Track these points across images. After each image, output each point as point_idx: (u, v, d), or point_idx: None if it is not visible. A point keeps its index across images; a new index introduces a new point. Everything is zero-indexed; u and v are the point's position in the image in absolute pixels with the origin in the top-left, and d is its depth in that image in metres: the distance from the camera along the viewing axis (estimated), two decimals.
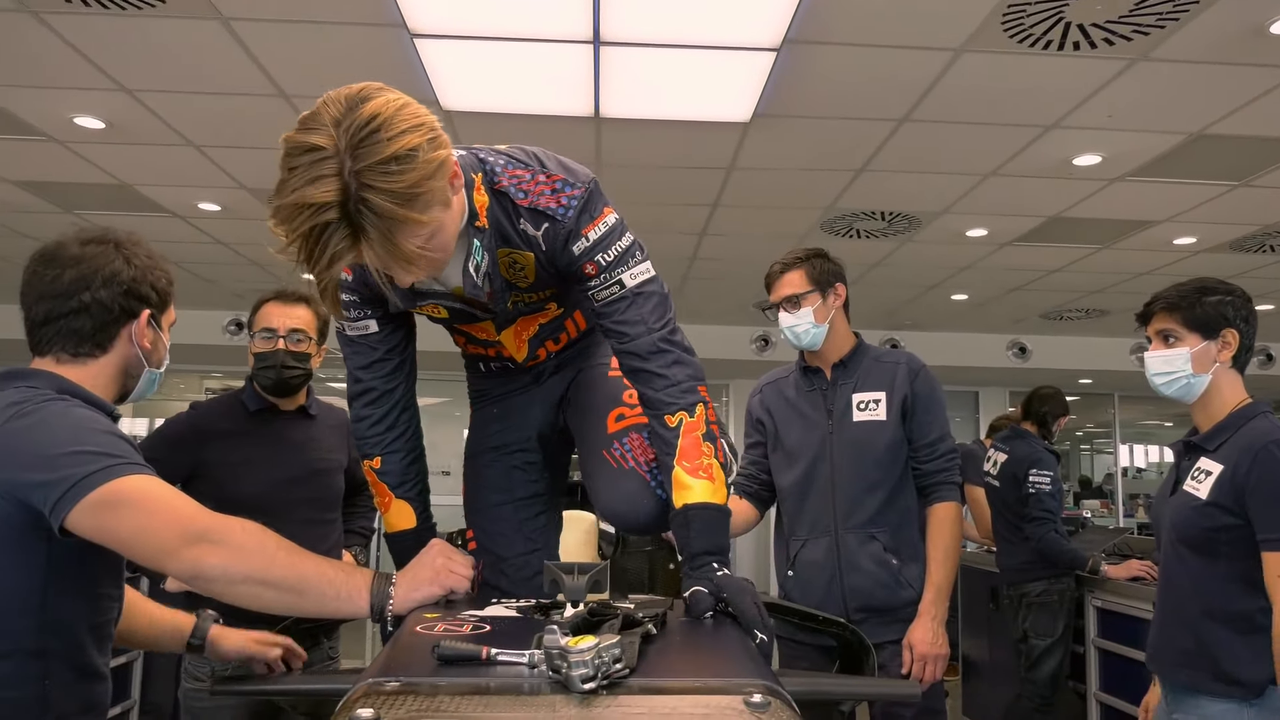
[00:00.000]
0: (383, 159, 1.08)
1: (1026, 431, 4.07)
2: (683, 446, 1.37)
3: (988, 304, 7.58)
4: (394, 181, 1.09)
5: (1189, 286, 1.95)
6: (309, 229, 1.09)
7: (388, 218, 1.10)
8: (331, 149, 1.08)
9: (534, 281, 1.44)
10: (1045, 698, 3.78)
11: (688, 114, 3.89)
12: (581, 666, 0.81)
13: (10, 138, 4.31)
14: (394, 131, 1.09)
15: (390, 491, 1.53)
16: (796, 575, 2.37)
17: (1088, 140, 4.12)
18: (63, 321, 1.39)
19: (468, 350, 1.68)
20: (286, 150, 1.12)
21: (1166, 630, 1.95)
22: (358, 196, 1.08)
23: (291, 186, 1.09)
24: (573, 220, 1.36)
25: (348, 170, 1.07)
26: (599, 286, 1.39)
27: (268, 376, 2.36)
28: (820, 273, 2.40)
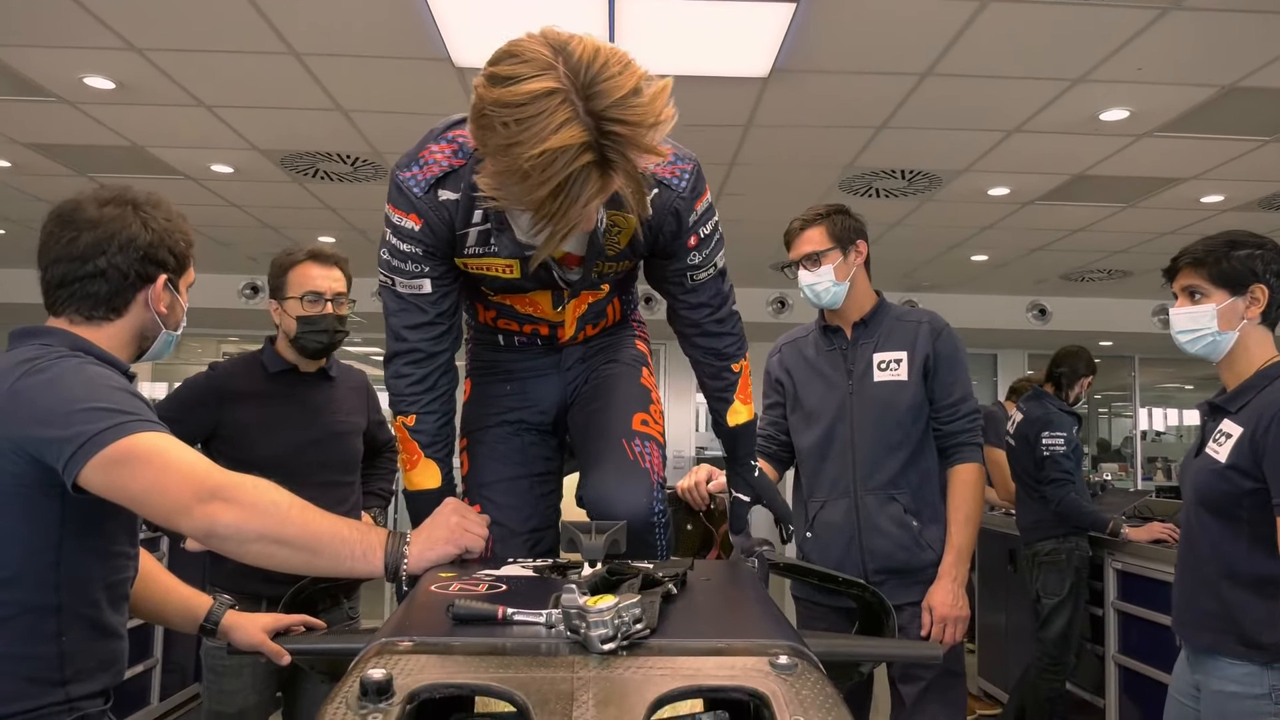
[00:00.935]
0: (623, 93, 1.08)
1: (1044, 392, 4.02)
2: (741, 383, 1.64)
3: (1008, 265, 7.48)
4: (636, 113, 1.09)
5: (1217, 240, 1.88)
6: (565, 176, 1.08)
7: (635, 148, 1.10)
8: (564, 90, 1.07)
9: (621, 250, 1.45)
10: (1054, 658, 3.76)
11: (705, 69, 3.81)
12: (601, 626, 0.78)
13: (21, 99, 4.28)
14: (620, 66, 1.10)
15: (420, 450, 1.50)
16: (815, 537, 2.35)
17: (1116, 94, 4.01)
18: (78, 285, 1.38)
19: (497, 324, 1.64)
20: (505, 102, 1.09)
21: (1189, 593, 1.92)
22: (604, 132, 1.08)
23: (532, 136, 1.07)
24: (686, 191, 1.41)
25: (586, 110, 1.07)
26: (700, 265, 1.50)
27: (318, 340, 2.35)
28: (841, 229, 2.34)
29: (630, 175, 1.14)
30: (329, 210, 6.27)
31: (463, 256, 1.43)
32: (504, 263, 1.43)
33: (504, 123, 1.09)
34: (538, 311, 1.57)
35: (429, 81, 4.01)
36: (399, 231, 1.39)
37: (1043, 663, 3.78)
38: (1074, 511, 3.70)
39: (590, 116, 1.07)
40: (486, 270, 1.45)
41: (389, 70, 3.93)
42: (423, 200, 1.36)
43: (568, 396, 1.68)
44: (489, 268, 1.44)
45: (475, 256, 1.42)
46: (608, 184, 1.13)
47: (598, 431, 1.60)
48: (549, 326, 1.62)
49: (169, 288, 1.44)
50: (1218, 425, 1.86)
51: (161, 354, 1.53)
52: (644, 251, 1.48)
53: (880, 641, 1.68)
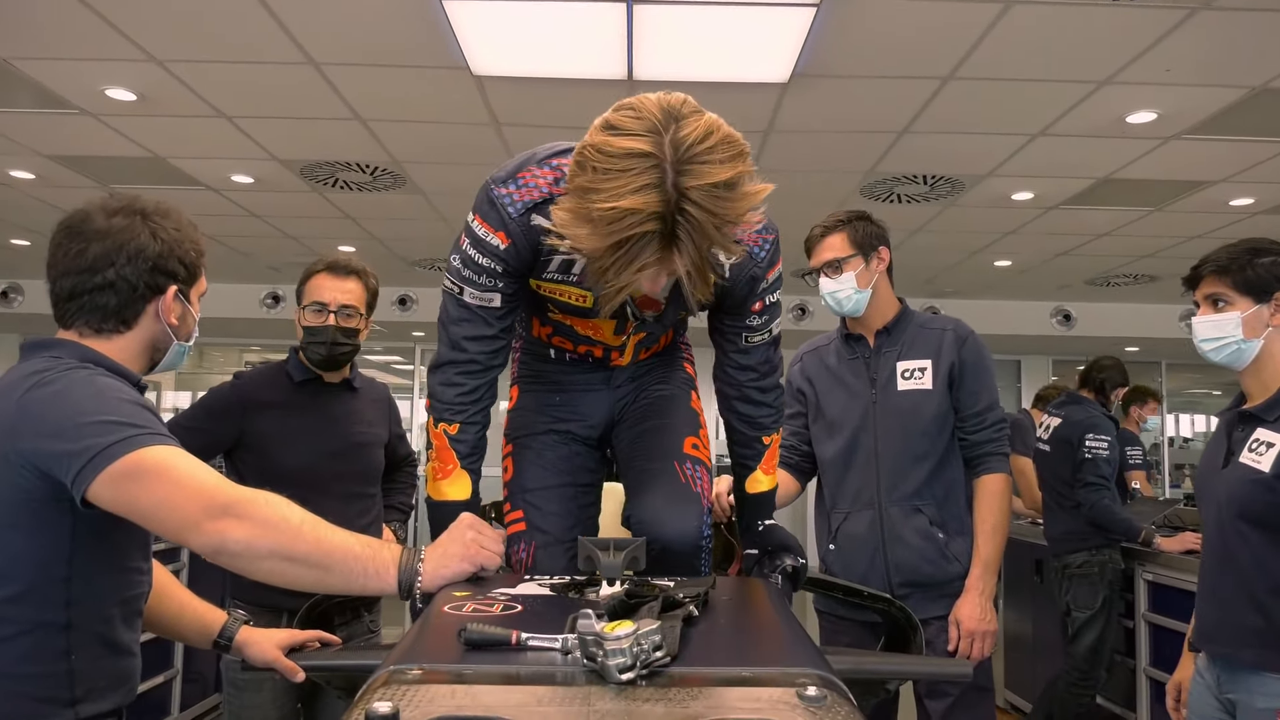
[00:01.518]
0: (713, 182, 1.09)
1: (1083, 397, 3.95)
2: (768, 455, 1.65)
3: (1032, 270, 7.39)
4: (719, 205, 1.09)
5: (1239, 248, 1.84)
6: (623, 238, 1.09)
7: (703, 235, 1.10)
8: (658, 157, 1.08)
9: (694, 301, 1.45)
10: (1084, 672, 3.68)
11: (724, 75, 3.77)
12: (619, 655, 0.74)
13: (44, 111, 4.32)
14: (725, 155, 1.10)
15: (457, 460, 1.47)
16: (838, 549, 2.30)
17: (1143, 96, 3.94)
18: (87, 298, 1.36)
19: (551, 340, 1.64)
20: (603, 150, 1.11)
21: (1225, 609, 1.85)
22: (679, 208, 1.08)
23: (610, 188, 1.08)
24: (764, 263, 1.47)
25: (671, 182, 1.07)
26: (757, 329, 1.55)
27: (317, 351, 2.34)
28: (863, 235, 2.29)
29: (695, 261, 1.13)
30: (349, 220, 6.29)
31: (539, 279, 1.44)
32: (579, 292, 1.45)
33: (594, 167, 1.11)
34: (597, 335, 1.58)
35: (447, 90, 4.00)
36: (481, 245, 1.38)
37: (1072, 676, 3.71)
38: (1107, 518, 3.62)
39: (675, 190, 1.08)
40: (559, 295, 1.47)
41: (407, 79, 3.93)
42: (515, 221, 1.36)
43: (616, 413, 1.68)
44: (563, 294, 1.46)
45: (552, 281, 1.44)
46: (668, 258, 1.13)
47: (648, 453, 1.60)
48: (604, 349, 1.62)
49: (179, 298, 1.42)
50: (1250, 434, 1.81)
51: (174, 365, 1.51)
52: (713, 306, 1.53)
53: (908, 659, 1.63)
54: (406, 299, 8.60)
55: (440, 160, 5.01)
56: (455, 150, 4.81)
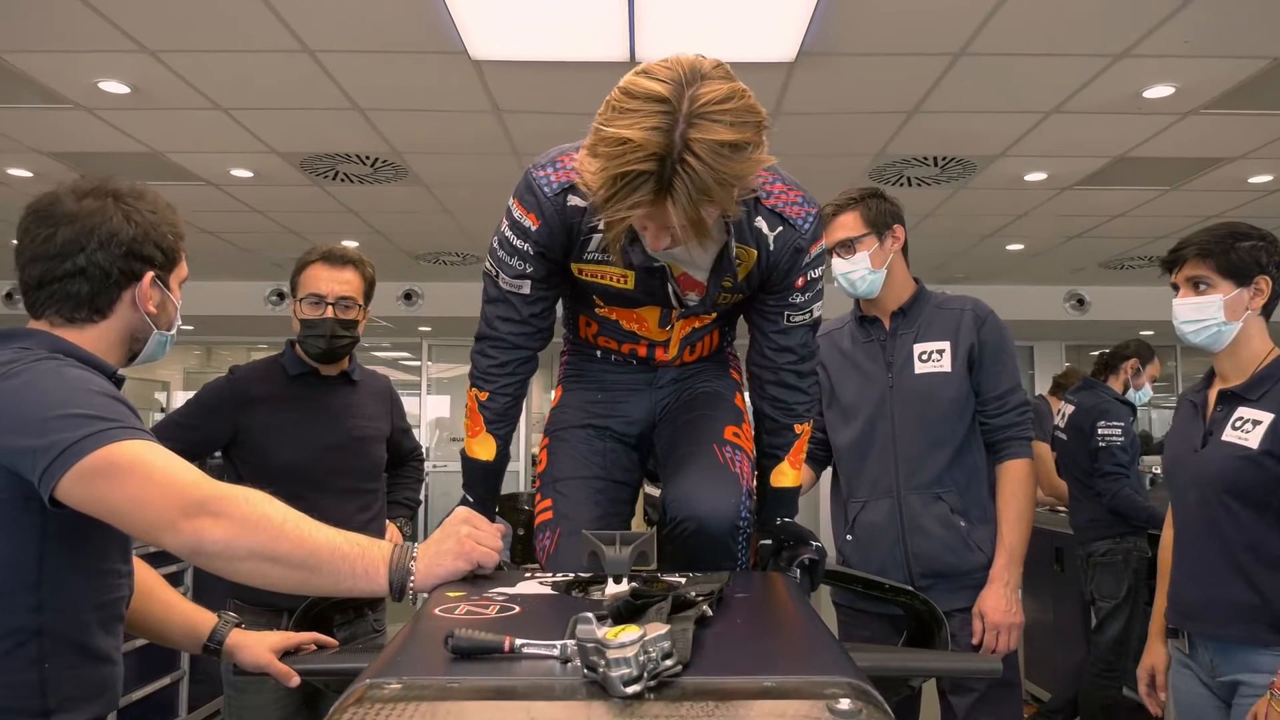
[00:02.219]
0: (718, 140, 1.10)
1: (1096, 382, 3.85)
2: (797, 445, 1.61)
3: (1045, 253, 7.27)
4: (720, 163, 1.11)
5: (1220, 231, 1.89)
6: (621, 171, 1.11)
7: (700, 190, 1.11)
8: (673, 105, 1.09)
9: (739, 282, 1.47)
10: (1109, 663, 3.60)
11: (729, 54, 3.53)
12: (623, 665, 0.66)
13: (38, 106, 4.24)
14: (738, 119, 1.12)
15: (484, 423, 1.54)
16: (856, 539, 2.22)
17: (1160, 70, 3.82)
18: (57, 285, 1.29)
19: (596, 340, 1.65)
20: (625, 89, 1.14)
21: (1211, 586, 1.85)
22: (680, 158, 1.09)
23: (621, 122, 1.10)
24: (808, 235, 1.45)
25: (680, 132, 1.09)
26: (800, 307, 1.51)
27: (316, 345, 2.28)
28: (876, 213, 2.21)
29: (689, 213, 1.14)
30: (351, 213, 6.21)
31: (580, 262, 1.45)
32: (620, 272, 1.44)
33: (614, 106, 1.14)
34: (642, 329, 1.57)
35: (446, 76, 3.91)
36: (516, 227, 1.42)
37: (1097, 667, 3.62)
38: (1128, 507, 3.53)
39: (680, 140, 1.10)
40: (600, 278, 1.47)
41: (405, 65, 3.84)
42: (550, 202, 1.38)
43: (657, 413, 1.67)
44: (604, 275, 1.46)
45: (593, 263, 1.44)
46: (660, 204, 1.14)
47: (686, 438, 1.59)
48: (648, 346, 1.61)
49: (157, 285, 1.34)
50: (1231, 413, 1.85)
51: (155, 356, 1.44)
52: (756, 284, 1.50)
53: (934, 655, 1.55)
54: (412, 293, 8.53)
55: (441, 150, 4.92)
56: (456, 139, 4.73)
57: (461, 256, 7.56)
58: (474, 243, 7.08)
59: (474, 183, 5.47)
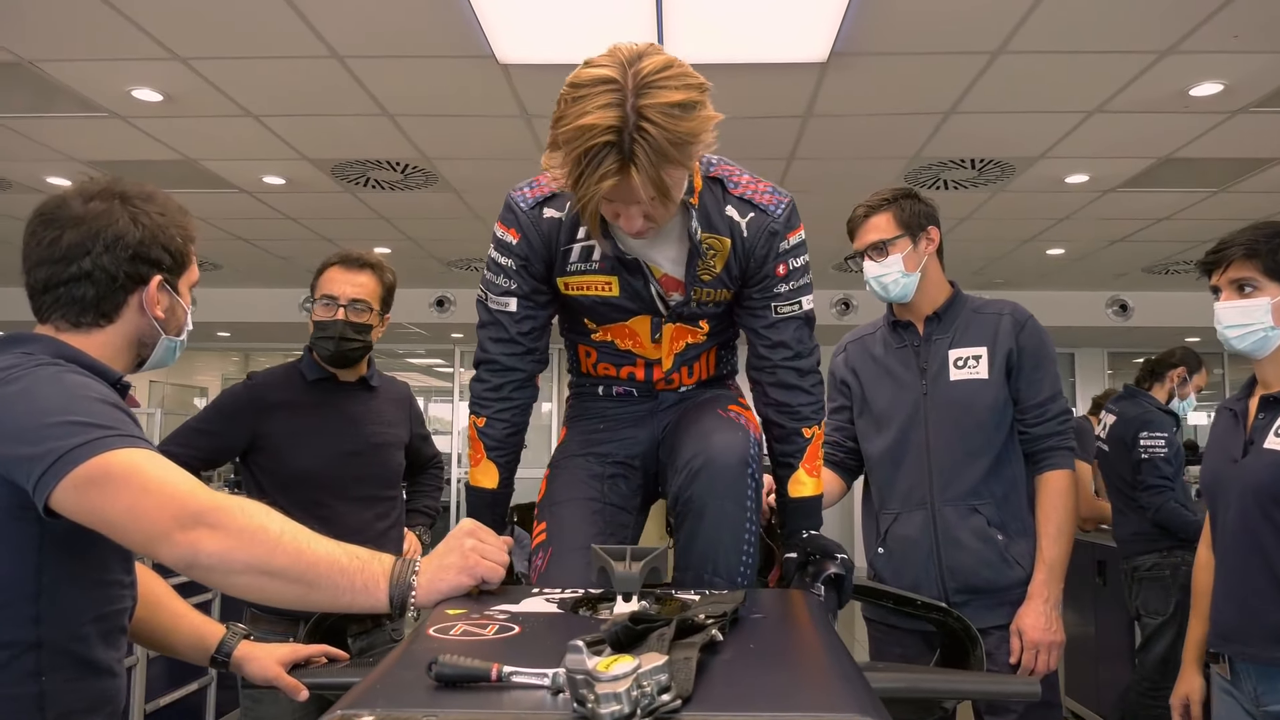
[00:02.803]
0: (667, 102, 1.18)
1: (1139, 390, 3.72)
2: (810, 451, 1.56)
3: (1087, 258, 7.11)
4: (672, 123, 1.18)
5: (1267, 230, 1.77)
6: (586, 148, 1.18)
7: (659, 153, 1.19)
8: (620, 82, 1.17)
9: (717, 275, 1.49)
10: (1154, 682, 3.45)
11: (760, 56, 3.61)
12: (613, 701, 0.59)
13: (74, 115, 4.30)
14: (680, 83, 1.20)
15: (484, 451, 1.56)
16: (888, 552, 2.14)
17: (1207, 66, 3.69)
18: (63, 289, 1.25)
19: (596, 370, 1.65)
20: (573, 83, 1.22)
21: (1251, 605, 1.73)
22: (636, 126, 1.17)
23: (576, 111, 1.18)
24: (781, 219, 1.48)
25: (631, 104, 1.17)
26: (784, 297, 1.51)
27: (326, 347, 2.25)
28: (910, 215, 2.13)
29: (653, 178, 1.21)
30: (383, 220, 6.24)
31: (564, 275, 1.49)
32: (603, 280, 1.48)
33: (564, 99, 1.21)
34: (637, 345, 1.58)
35: (474, 80, 3.89)
36: (499, 245, 1.49)
37: (1142, 686, 3.48)
38: (1175, 521, 3.39)
39: (633, 111, 1.17)
40: (586, 289, 1.50)
41: (432, 71, 3.83)
42: (526, 215, 1.46)
43: (659, 434, 1.66)
44: (589, 286, 1.50)
45: (576, 274, 1.49)
46: (626, 174, 1.20)
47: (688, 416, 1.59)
48: (645, 367, 1.61)
49: (166, 289, 1.31)
50: (1274, 420, 1.75)
51: (164, 362, 1.40)
52: (737, 278, 1.51)
53: (969, 676, 1.47)
54: (444, 300, 8.55)
55: (471, 155, 4.91)
56: (485, 145, 4.71)
57: None
58: None
59: (504, 188, 5.30)
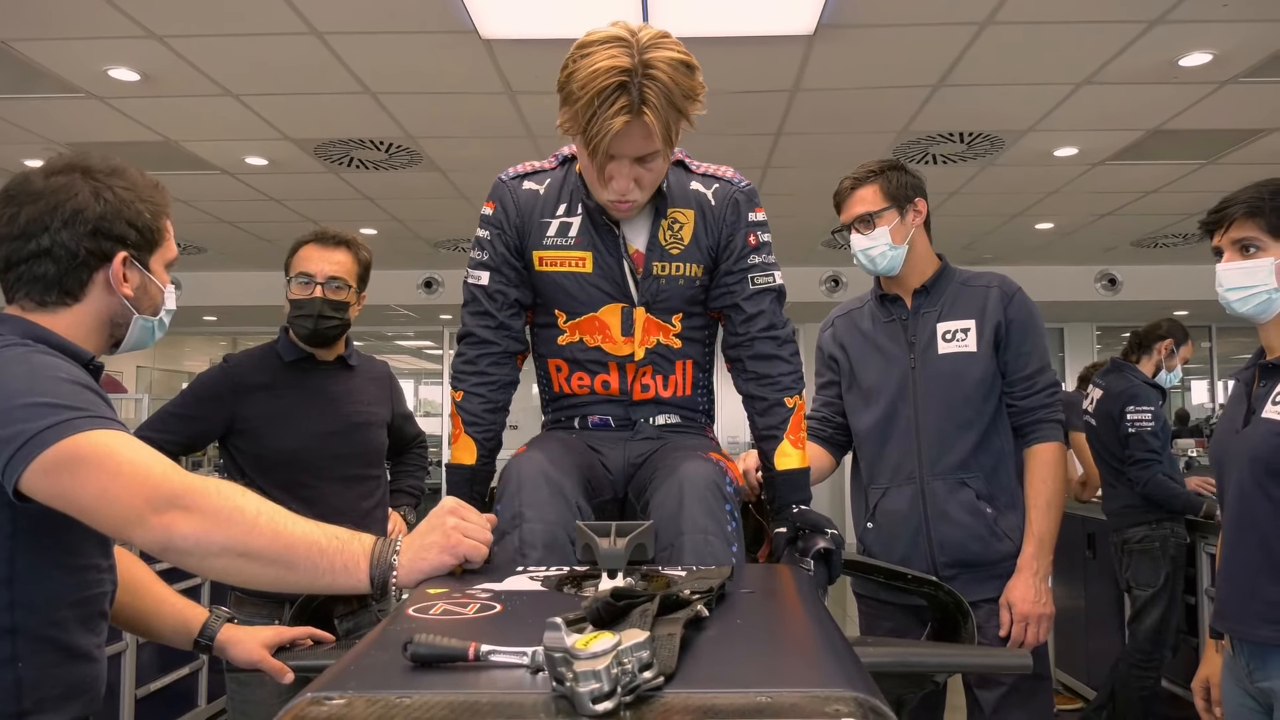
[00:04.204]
0: (672, 58, 1.30)
1: (1125, 364, 3.71)
2: (793, 421, 1.58)
3: (1076, 232, 7.10)
4: (678, 77, 1.31)
5: (1271, 187, 1.68)
6: (600, 88, 1.27)
7: (667, 98, 1.30)
8: (628, 39, 1.29)
9: (685, 248, 1.54)
10: (1147, 653, 3.47)
11: (745, 29, 3.57)
12: (591, 679, 0.58)
13: (51, 96, 4.23)
14: (679, 50, 1.33)
15: (463, 425, 1.58)
16: (877, 527, 2.13)
17: (1197, 35, 3.66)
18: (24, 267, 1.22)
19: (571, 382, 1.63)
20: (581, 44, 1.32)
21: (1244, 582, 1.68)
22: (645, 73, 1.28)
23: (588, 62, 1.28)
24: (746, 189, 1.58)
25: (639, 56, 1.28)
26: (758, 269, 1.57)
27: (304, 325, 2.21)
28: (897, 186, 2.11)
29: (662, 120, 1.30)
30: (367, 200, 6.17)
31: (540, 248, 1.54)
32: (578, 255, 1.53)
33: (573, 58, 1.31)
34: (607, 340, 1.57)
35: (456, 57, 3.84)
36: (481, 220, 1.57)
37: (1134, 658, 3.50)
38: (1163, 494, 3.40)
39: (641, 62, 1.28)
40: (560, 265, 1.54)
41: (414, 47, 3.77)
42: (506, 185, 1.56)
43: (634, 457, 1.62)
44: (563, 262, 1.54)
45: (552, 249, 1.54)
46: (638, 116, 1.29)
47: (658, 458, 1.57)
48: (619, 371, 1.60)
49: (135, 266, 1.27)
50: (1273, 388, 1.67)
51: (143, 343, 1.37)
52: (708, 249, 1.55)
53: (960, 650, 1.47)
54: (432, 281, 8.49)
55: (455, 134, 4.86)
56: (470, 123, 4.66)
57: None
58: None
59: (490, 167, 5.31)
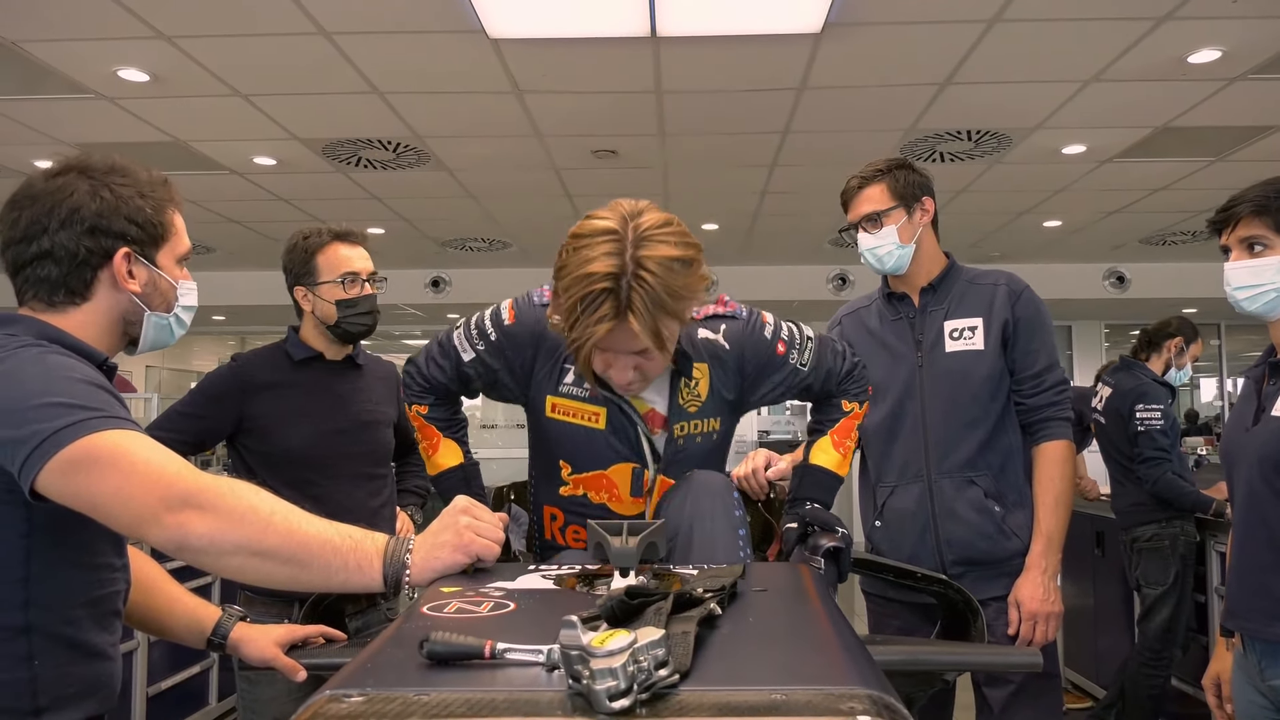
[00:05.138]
0: (666, 256, 1.25)
1: (1135, 362, 3.70)
2: (843, 423, 1.60)
3: (1084, 230, 7.08)
4: (670, 275, 1.25)
5: (1277, 186, 1.67)
6: (584, 294, 1.24)
7: (656, 302, 1.24)
8: (620, 233, 1.25)
9: (704, 404, 1.50)
10: (1155, 651, 3.46)
11: (754, 27, 3.57)
12: (608, 677, 0.58)
13: (60, 97, 4.25)
14: (678, 239, 1.28)
15: (439, 432, 1.59)
16: (885, 525, 2.13)
17: (1206, 32, 3.65)
18: (29, 270, 1.23)
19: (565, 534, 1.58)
20: (575, 234, 1.30)
21: (1254, 579, 1.68)
22: (635, 274, 1.23)
23: (578, 260, 1.26)
24: (745, 314, 1.54)
25: (630, 254, 1.24)
26: (805, 370, 1.56)
27: (364, 323, 2.25)
28: (904, 185, 2.10)
29: (650, 326, 1.25)
30: (375, 200, 6.19)
31: (555, 395, 1.49)
32: (592, 410, 1.48)
33: (566, 249, 1.29)
34: (613, 499, 1.51)
35: (464, 57, 3.85)
36: (495, 316, 1.51)
37: (1143, 656, 3.49)
38: (1173, 492, 3.39)
39: (632, 261, 1.24)
40: (573, 416, 1.49)
41: (422, 47, 3.78)
42: (532, 308, 1.50)
43: None
44: (577, 414, 1.49)
45: (567, 398, 1.49)
46: (622, 321, 1.24)
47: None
48: None
49: (140, 262, 1.26)
50: None
51: (162, 341, 1.36)
52: (733, 390, 1.52)
53: (970, 648, 1.47)
54: (440, 280, 8.50)
55: (463, 134, 4.86)
56: (477, 122, 4.67)
57: (488, 242, 7.52)
58: (499, 228, 7.03)
59: (497, 166, 5.41)
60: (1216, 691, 1.89)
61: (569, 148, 5.03)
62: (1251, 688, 1.71)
